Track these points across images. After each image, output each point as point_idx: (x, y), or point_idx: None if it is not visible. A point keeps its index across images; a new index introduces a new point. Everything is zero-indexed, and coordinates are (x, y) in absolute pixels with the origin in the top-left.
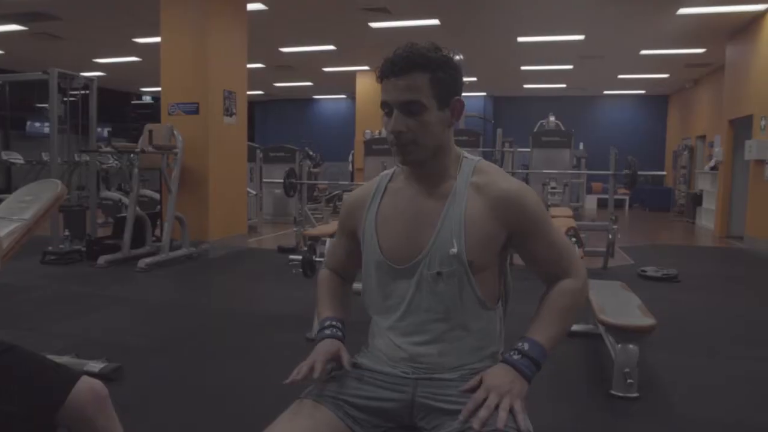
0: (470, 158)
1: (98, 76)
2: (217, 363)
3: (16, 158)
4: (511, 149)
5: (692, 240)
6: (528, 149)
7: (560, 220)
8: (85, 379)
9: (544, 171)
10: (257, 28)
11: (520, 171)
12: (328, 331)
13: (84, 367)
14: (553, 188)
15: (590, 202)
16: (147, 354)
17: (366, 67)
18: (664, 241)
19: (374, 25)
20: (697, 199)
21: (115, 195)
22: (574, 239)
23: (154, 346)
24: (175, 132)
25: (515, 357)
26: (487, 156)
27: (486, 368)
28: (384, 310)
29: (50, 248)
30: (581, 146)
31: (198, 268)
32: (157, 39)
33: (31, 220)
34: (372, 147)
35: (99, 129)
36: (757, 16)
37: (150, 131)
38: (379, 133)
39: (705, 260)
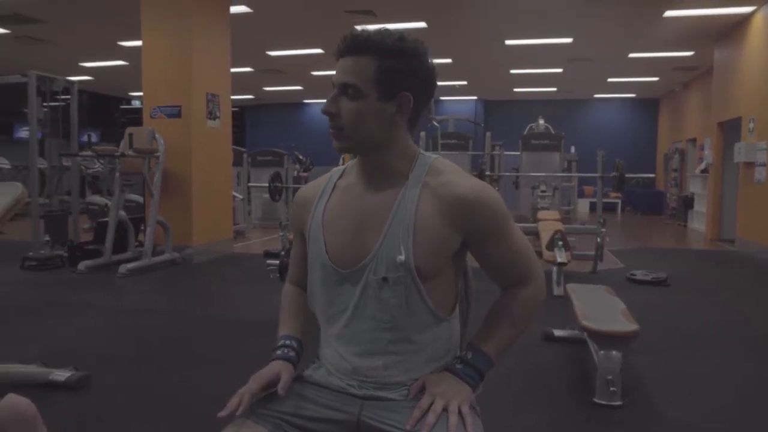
0: (426, 155)
1: (86, 81)
2: (188, 372)
3: (3, 163)
4: (499, 152)
5: (683, 243)
6: (518, 153)
7: (547, 223)
8: (8, 398)
9: (534, 174)
10: (243, 31)
11: (509, 174)
12: (279, 352)
13: (50, 376)
14: (543, 191)
15: (583, 206)
16: (119, 362)
17: None
18: (655, 244)
19: (360, 28)
20: (688, 202)
21: (101, 200)
22: (560, 243)
23: (128, 354)
24: (156, 135)
25: (458, 366)
26: (476, 159)
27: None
28: (329, 317)
29: (30, 254)
30: (572, 150)
31: (180, 274)
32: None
33: None
34: None
35: (89, 133)
36: (744, 19)
37: (130, 134)
38: None
39: (696, 263)
